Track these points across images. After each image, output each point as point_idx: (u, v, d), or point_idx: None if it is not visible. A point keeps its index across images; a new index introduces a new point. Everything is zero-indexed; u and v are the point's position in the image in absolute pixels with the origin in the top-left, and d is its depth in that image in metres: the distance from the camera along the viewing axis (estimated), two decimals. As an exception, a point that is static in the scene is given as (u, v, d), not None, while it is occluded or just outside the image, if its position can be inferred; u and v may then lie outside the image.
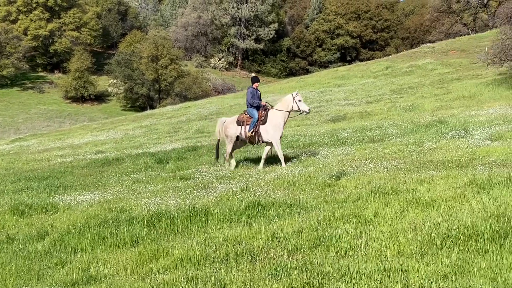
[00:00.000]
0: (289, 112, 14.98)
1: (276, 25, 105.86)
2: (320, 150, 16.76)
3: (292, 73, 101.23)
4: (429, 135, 17.26)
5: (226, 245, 7.48)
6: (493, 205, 7.88)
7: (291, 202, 9.79)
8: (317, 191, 10.79)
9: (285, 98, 15.30)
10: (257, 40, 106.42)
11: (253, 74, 17.30)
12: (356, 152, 15.80)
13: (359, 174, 12.25)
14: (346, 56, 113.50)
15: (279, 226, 8.17)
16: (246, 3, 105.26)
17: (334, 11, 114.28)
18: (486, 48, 41.90)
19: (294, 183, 11.73)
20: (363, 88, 40.37)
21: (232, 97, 50.72)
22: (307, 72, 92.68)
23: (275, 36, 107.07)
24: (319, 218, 8.25)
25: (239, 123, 15.26)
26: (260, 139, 14.93)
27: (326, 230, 7.60)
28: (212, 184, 12.48)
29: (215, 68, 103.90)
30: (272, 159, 15.16)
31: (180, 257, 7.19)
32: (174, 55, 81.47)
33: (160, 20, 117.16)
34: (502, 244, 6.04)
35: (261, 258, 6.81)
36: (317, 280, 5.77)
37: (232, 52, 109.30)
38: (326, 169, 13.20)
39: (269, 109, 15.13)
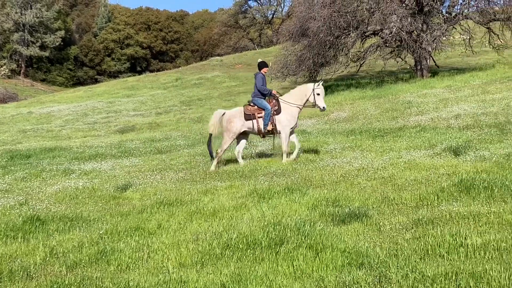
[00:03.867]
0: (304, 104, 13.48)
1: (62, 32, 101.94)
2: (107, 162, 16.41)
3: (80, 83, 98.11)
4: (217, 146, 17.63)
5: (0, 263, 6.97)
6: (272, 213, 8.24)
7: (72, 216, 9.40)
8: (101, 204, 10.51)
9: (302, 86, 13.77)
10: (42, 47, 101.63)
11: (259, 59, 15.51)
12: (144, 164, 15.69)
13: (145, 185, 12.16)
14: (137, 66, 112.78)
15: (59, 241, 7.80)
16: (31, 8, 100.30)
17: (123, 21, 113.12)
18: (270, 63, 44.04)
19: (77, 196, 11.32)
20: (153, 99, 40.39)
21: (14, 106, 47.84)
22: (95, 81, 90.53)
23: (62, 43, 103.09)
24: (101, 232, 8.01)
25: (248, 117, 13.50)
26: (276, 131, 13.47)
27: (107, 244, 7.39)
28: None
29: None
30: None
31: None
32: None
33: None
34: (278, 252, 6.29)
35: (38, 275, 6.43)
36: (96, 296, 5.58)
37: (15, 59, 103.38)
38: (111, 181, 12.93)
39: (277, 97, 13.57)
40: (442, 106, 19.82)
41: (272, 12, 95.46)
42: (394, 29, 29.12)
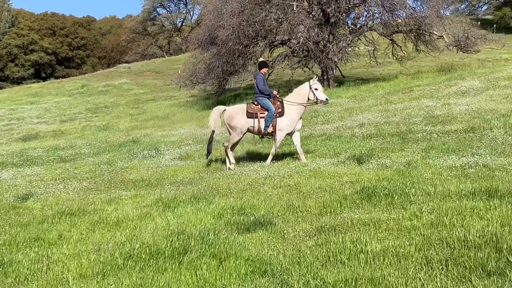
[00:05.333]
0: (306, 104, 13.24)
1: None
2: (7, 171, 15.81)
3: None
4: (122, 155, 17.37)
5: None
6: (177, 222, 8.16)
7: (-32, 227, 8.98)
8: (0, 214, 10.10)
9: (300, 87, 13.39)
10: None
11: (260, 59, 14.64)
12: (46, 173, 15.22)
13: (47, 195, 11.80)
14: (41, 72, 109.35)
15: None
16: None
17: (28, 26, 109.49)
18: (180, 71, 43.88)
19: (-26, 206, 10.84)
20: (57, 107, 39.34)
21: None
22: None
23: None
24: (-1, 243, 7.70)
25: (250, 115, 13.08)
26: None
27: (5, 256, 7.11)
28: None
29: None
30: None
31: None
32: None
33: None
34: (181, 261, 6.22)
35: None
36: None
37: None
38: (12, 191, 12.50)
39: (280, 101, 13.17)
40: (347, 115, 20.28)
41: (181, 19, 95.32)
42: (301, 39, 29.62)
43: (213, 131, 13.72)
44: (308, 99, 13.10)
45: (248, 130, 13.36)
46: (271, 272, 5.73)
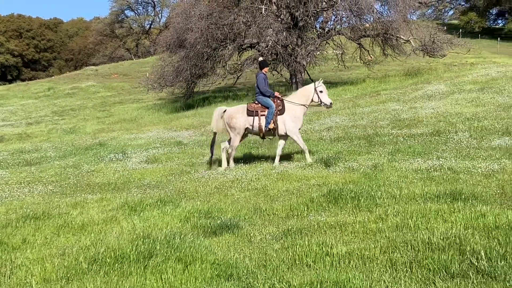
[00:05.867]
0: (308, 105, 13.13)
1: None
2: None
3: None
4: (88, 158, 17.17)
5: None
6: (143, 226, 8.09)
7: None
8: (-39, 219, 9.90)
9: (305, 87, 13.34)
10: None
11: (260, 58, 14.35)
12: (11, 176, 14.97)
13: (11, 199, 11.60)
14: (7, 75, 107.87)
15: None
16: None
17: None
18: (148, 74, 43.67)
19: None
20: (23, 109, 38.85)
21: None
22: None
23: None
24: (-40, 248, 7.54)
25: (250, 113, 12.94)
26: (275, 132, 12.92)
27: (-33, 261, 6.97)
28: None
29: None
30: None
31: None
32: None
33: None
34: (146, 265, 6.16)
35: None
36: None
37: None
38: (-26, 195, 12.25)
39: (281, 99, 13.05)
40: (315, 118, 20.37)
41: (150, 22, 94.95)
42: (270, 43, 29.73)
43: (215, 133, 13.67)
44: (312, 101, 13.01)
45: (248, 130, 13.22)
46: (237, 275, 5.71)
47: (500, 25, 79.31)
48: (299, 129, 13.17)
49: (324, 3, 31.77)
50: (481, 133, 14.21)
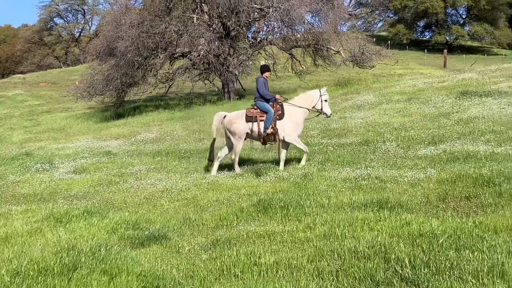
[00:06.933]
0: (310, 110, 12.92)
1: None
2: None
3: None
4: (14, 168, 16.66)
5: None
6: (68, 238, 7.89)
7: None
8: None
9: (309, 92, 13.21)
10: None
11: (262, 62, 13.74)
12: None
13: None
14: None
15: None
16: None
17: None
18: (77, 82, 42.89)
19: None
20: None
21: None
22: None
23: None
24: None
25: (249, 119, 12.74)
26: (276, 137, 12.63)
27: None
28: None
29: None
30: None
31: None
32: None
33: None
34: (71, 278, 5.99)
35: None
36: None
37: None
38: None
39: (280, 103, 12.83)
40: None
41: (80, 30, 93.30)
42: (202, 52, 29.68)
43: (214, 139, 13.49)
44: (313, 107, 13.00)
45: (248, 135, 13.08)
46: (164, 287, 5.63)
47: (427, 37, 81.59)
48: (298, 135, 13.11)
49: (256, 13, 31.94)
50: (407, 142, 14.52)
